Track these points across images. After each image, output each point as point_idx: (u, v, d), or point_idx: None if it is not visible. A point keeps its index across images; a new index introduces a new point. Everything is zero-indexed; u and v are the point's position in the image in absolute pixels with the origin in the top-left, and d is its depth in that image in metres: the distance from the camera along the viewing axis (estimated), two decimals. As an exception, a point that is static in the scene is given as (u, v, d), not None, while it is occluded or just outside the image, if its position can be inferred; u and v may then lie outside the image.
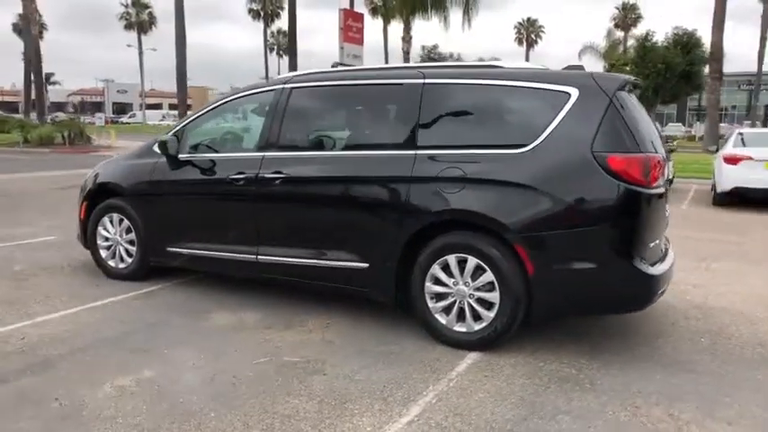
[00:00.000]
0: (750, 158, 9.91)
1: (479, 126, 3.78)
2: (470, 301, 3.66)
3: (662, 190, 3.60)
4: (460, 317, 3.71)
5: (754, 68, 41.75)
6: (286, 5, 61.63)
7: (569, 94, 3.51)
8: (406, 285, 3.87)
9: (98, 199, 5.25)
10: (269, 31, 61.79)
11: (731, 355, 3.75)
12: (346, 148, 4.17)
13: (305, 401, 3.03)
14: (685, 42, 30.50)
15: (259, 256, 4.36)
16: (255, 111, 4.80)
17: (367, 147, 4.08)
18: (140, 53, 58.35)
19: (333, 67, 4.56)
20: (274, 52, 65.07)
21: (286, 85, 4.43)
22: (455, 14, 20.79)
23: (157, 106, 73.42)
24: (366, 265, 3.95)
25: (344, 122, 4.38)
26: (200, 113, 4.88)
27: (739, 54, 77.05)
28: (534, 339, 3.83)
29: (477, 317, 3.66)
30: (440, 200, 3.67)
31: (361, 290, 4.06)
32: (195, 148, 4.81)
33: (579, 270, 3.42)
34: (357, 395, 3.10)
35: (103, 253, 5.25)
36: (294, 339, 3.88)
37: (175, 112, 64.28)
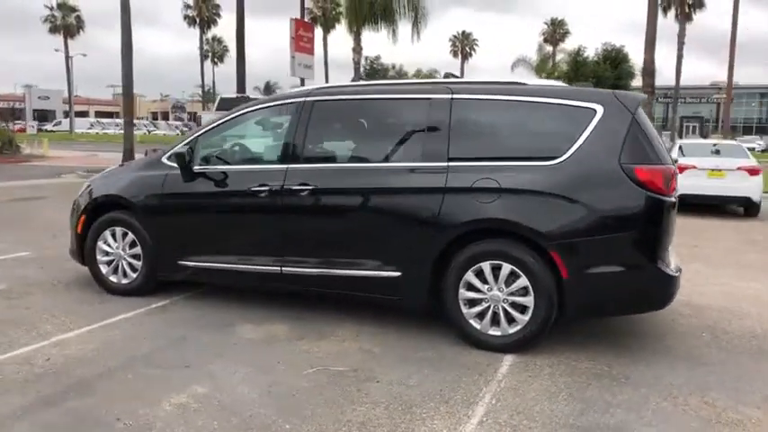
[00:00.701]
0: (695, 167, 10.73)
1: (510, 139, 3.99)
2: (504, 305, 3.84)
3: (676, 199, 3.93)
4: (494, 321, 3.89)
5: (670, 83, 44.96)
6: (223, 12, 61.33)
7: (595, 111, 3.78)
8: (438, 292, 4.01)
9: (98, 213, 5.08)
10: (204, 38, 60.39)
11: (734, 348, 4.11)
12: (375, 160, 4.27)
13: (372, 408, 3.10)
14: (614, 57, 32.42)
15: (284, 268, 4.37)
16: (271, 123, 4.81)
17: (397, 158, 4.19)
18: (67, 58, 55.41)
19: (353, 81, 4.65)
20: (209, 59, 63.51)
21: (308, 98, 4.48)
22: (403, 27, 21.24)
23: (84, 114, 70.00)
24: (399, 273, 4.06)
25: (371, 135, 4.47)
26: (215, 125, 4.84)
27: (657, 69, 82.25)
28: (558, 341, 4.05)
29: (510, 320, 3.85)
30: (476, 209, 3.84)
31: (393, 298, 4.16)
32: (209, 159, 4.75)
33: (609, 273, 3.68)
34: (419, 400, 3.20)
35: (104, 268, 5.07)
36: (331, 350, 3.92)
37: (106, 120, 61.63)
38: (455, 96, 4.09)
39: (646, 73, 18.95)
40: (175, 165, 4.75)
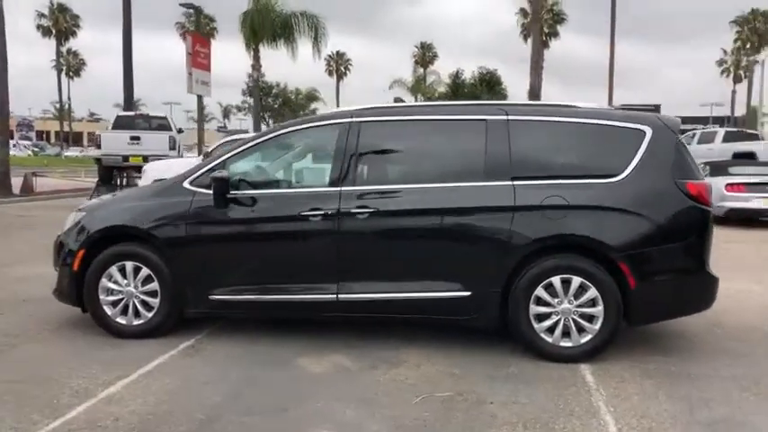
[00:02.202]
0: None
1: (569, 158, 4.20)
2: (575, 317, 4.02)
3: None
4: (565, 333, 4.05)
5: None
6: (82, 23, 56.13)
7: (645, 132, 4.12)
8: (508, 308, 4.09)
9: (98, 247, 4.49)
10: (62, 50, 55.03)
11: (751, 341, 4.64)
12: (434, 180, 4.25)
13: (513, 429, 3.10)
14: (488, 80, 34.95)
15: (340, 295, 4.19)
16: (309, 146, 4.61)
17: (457, 179, 4.21)
18: None
19: (396, 102, 4.61)
20: (63, 73, 57.92)
21: (354, 119, 4.36)
22: (302, 45, 21.08)
23: None
24: (468, 293, 4.08)
25: (426, 156, 4.43)
26: (245, 148, 4.52)
27: (516, 93, 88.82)
28: (609, 348, 4.28)
29: (581, 330, 4.03)
30: (548, 226, 3.99)
31: (463, 318, 4.16)
32: (241, 183, 4.42)
33: (669, 279, 4.03)
34: (547, 416, 3.25)
35: (109, 309, 4.48)
36: (416, 375, 3.83)
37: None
38: (511, 118, 4.23)
39: (532, 95, 20.62)
40: (203, 190, 4.38)
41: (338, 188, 4.23)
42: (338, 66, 64.86)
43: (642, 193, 4.02)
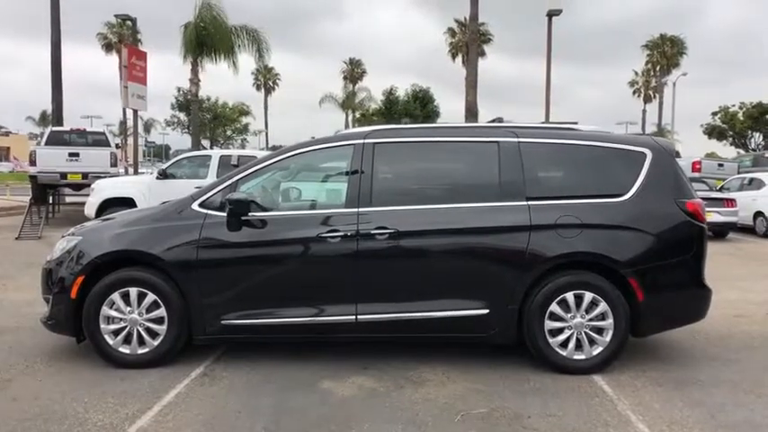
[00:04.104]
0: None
1: (578, 178, 4.42)
2: (586, 330, 4.22)
3: None
4: (578, 346, 4.23)
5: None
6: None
7: (645, 154, 4.41)
8: (523, 324, 4.23)
9: (98, 273, 4.26)
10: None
11: (730, 346, 5.02)
12: (450, 201, 4.33)
13: (561, 442, 3.21)
14: (422, 97, 35.71)
15: (359, 317, 4.19)
16: (320, 166, 4.57)
17: (474, 199, 4.31)
18: None
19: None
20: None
21: (367, 140, 4.40)
22: (243, 59, 20.76)
23: None
24: (487, 311, 4.19)
25: (441, 177, 4.51)
26: (255, 169, 4.43)
27: (450, 110, 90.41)
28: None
29: (592, 343, 4.23)
30: (563, 244, 4.17)
31: (481, 335, 4.26)
32: (253, 206, 4.31)
33: (673, 292, 4.31)
34: (587, 427, 3.39)
35: (110, 338, 4.25)
36: (445, 393, 3.88)
37: None
38: (521, 140, 4.41)
39: (470, 113, 21.25)
40: (213, 212, 4.27)
41: (355, 209, 4.24)
42: (266, 80, 63.90)
43: (647, 212, 4.29)
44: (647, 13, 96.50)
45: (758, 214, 14.40)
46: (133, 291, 4.24)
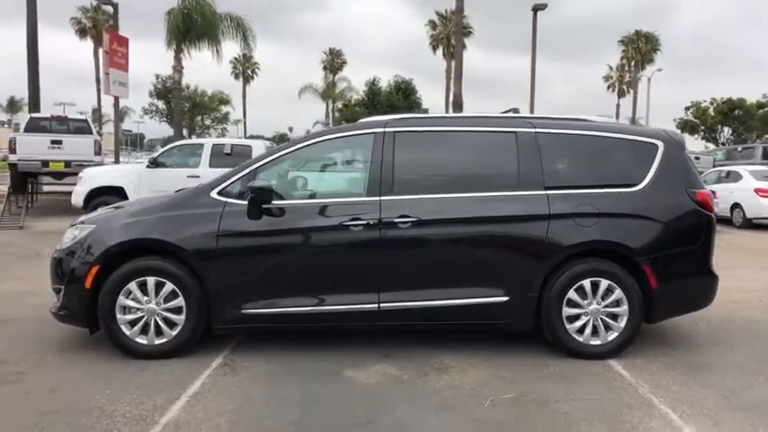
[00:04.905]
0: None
1: (594, 168, 4.49)
2: (602, 317, 4.31)
3: None
4: (594, 332, 4.33)
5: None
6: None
7: (657, 145, 4.51)
8: (541, 311, 4.31)
9: (114, 263, 4.19)
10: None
11: (731, 331, 5.19)
12: (471, 189, 4.35)
13: (590, 424, 3.28)
14: (404, 89, 35.63)
15: (382, 305, 4.21)
16: (340, 155, 4.56)
17: (494, 188, 4.35)
18: None
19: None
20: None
21: (387, 129, 4.40)
22: (227, 46, 20.45)
23: None
24: (507, 298, 4.25)
25: (461, 166, 4.53)
26: (274, 157, 4.40)
27: (431, 102, 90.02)
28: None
29: (607, 329, 4.33)
30: (581, 232, 4.25)
31: (501, 322, 4.32)
32: (273, 194, 4.29)
33: (686, 279, 4.43)
34: (613, 410, 3.48)
35: (126, 329, 4.19)
36: (469, 380, 3.93)
37: None
38: (539, 131, 4.46)
39: (456, 105, 21.35)
40: (233, 200, 4.23)
41: (378, 197, 4.24)
42: (245, 69, 63.14)
43: (659, 201, 4.39)
44: (622, 9, 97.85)
45: (735, 206, 14.81)
46: (151, 280, 4.19)
